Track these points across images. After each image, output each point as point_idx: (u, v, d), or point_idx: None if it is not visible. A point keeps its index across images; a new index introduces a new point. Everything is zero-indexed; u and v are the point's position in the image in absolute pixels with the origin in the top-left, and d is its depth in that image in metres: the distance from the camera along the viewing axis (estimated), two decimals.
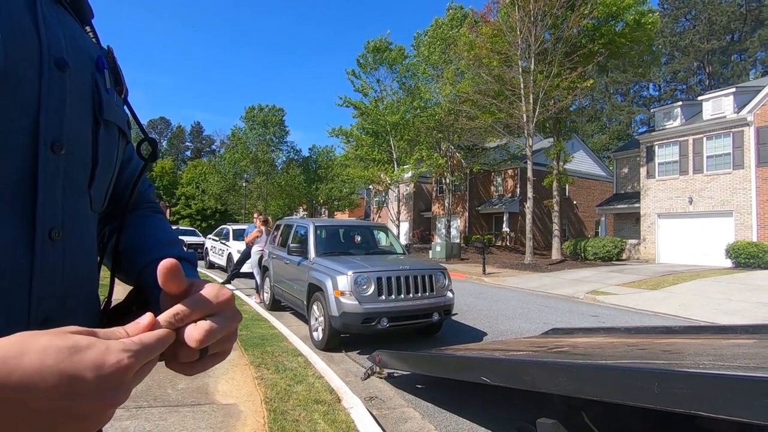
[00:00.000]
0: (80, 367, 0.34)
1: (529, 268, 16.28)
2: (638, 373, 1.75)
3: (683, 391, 1.55)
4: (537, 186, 19.82)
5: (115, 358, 0.36)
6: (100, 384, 0.35)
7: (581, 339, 3.97)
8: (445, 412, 3.50)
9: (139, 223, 0.71)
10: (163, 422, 2.72)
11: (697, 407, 1.51)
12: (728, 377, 1.41)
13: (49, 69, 0.49)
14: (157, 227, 0.73)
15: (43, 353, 0.33)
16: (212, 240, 14.60)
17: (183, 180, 52.88)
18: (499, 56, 17.64)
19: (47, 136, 0.48)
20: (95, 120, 0.57)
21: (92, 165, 0.57)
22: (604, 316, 7.98)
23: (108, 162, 0.61)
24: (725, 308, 8.55)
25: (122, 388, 0.37)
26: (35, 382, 0.32)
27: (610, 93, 50.27)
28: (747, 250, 14.96)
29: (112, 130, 0.61)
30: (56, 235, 0.49)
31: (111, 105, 0.60)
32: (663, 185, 19.15)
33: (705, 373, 1.50)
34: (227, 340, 0.50)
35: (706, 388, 1.46)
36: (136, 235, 0.69)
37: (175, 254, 0.66)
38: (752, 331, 3.21)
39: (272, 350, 4.57)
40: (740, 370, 1.83)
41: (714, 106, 17.81)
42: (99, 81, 0.58)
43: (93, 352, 0.36)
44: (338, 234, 6.84)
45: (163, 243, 0.69)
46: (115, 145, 0.62)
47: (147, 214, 0.75)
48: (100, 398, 0.35)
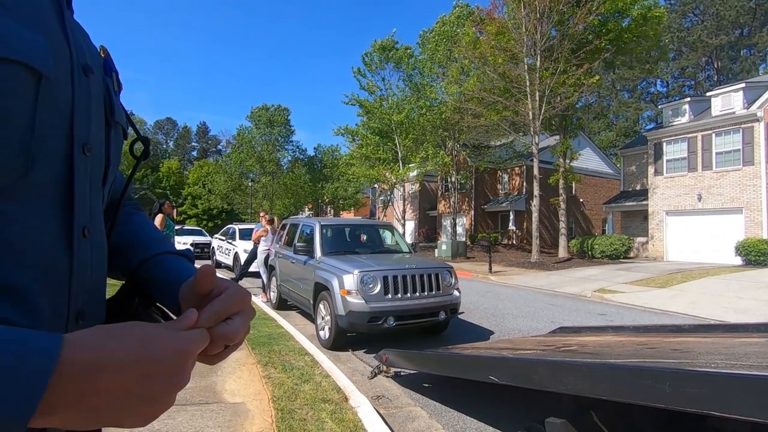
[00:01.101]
0: (154, 352, 0.40)
1: (536, 267, 16.20)
2: (649, 373, 1.73)
3: (695, 391, 1.53)
4: (543, 184, 19.70)
5: (183, 345, 0.42)
6: (171, 367, 0.40)
7: (589, 338, 3.94)
8: (452, 411, 3.49)
9: (129, 220, 0.74)
10: (171, 421, 2.74)
11: (709, 407, 1.49)
12: (742, 377, 1.39)
13: (78, 75, 0.52)
14: (145, 224, 0.76)
15: (122, 340, 0.39)
16: (219, 239, 14.68)
17: (189, 180, 53.23)
18: (505, 53, 17.54)
19: (80, 139, 0.51)
20: (107, 122, 0.60)
21: (105, 165, 0.60)
22: (612, 315, 7.92)
23: (116, 161, 0.64)
24: (735, 306, 8.46)
25: (187, 372, 0.43)
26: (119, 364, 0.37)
27: (617, 90, 49.83)
28: (757, 247, 14.77)
29: (119, 131, 0.64)
30: (87, 232, 0.53)
31: (119, 107, 0.63)
32: (671, 182, 18.96)
33: (718, 373, 1.48)
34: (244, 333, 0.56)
35: (719, 387, 1.44)
36: (127, 231, 0.71)
37: (172, 250, 0.70)
38: (764, 329, 3.16)
39: (279, 349, 4.58)
40: (753, 369, 1.80)
41: (723, 101, 17.59)
42: (109, 84, 0.61)
43: (164, 340, 0.41)
44: (344, 233, 6.84)
45: (157, 239, 0.72)
46: (121, 146, 0.66)
47: (131, 211, 0.77)
48: (171, 380, 0.41)
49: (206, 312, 0.49)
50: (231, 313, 0.51)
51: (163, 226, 7.93)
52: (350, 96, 25.46)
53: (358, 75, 25.03)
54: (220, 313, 0.50)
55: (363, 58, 24.89)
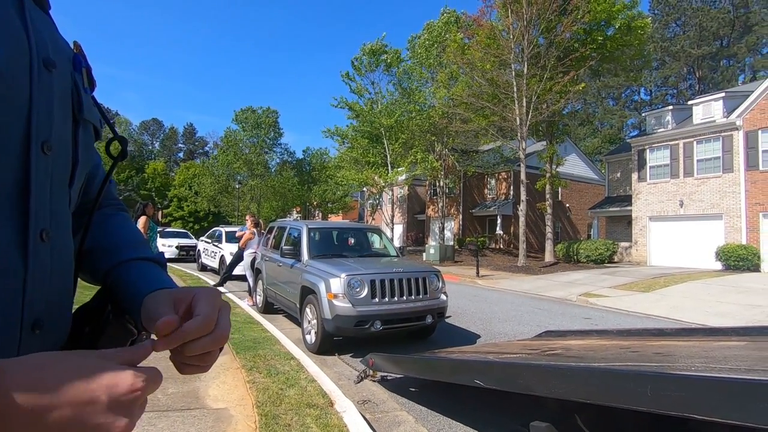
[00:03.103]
0: (95, 386, 0.37)
1: (523, 271, 16.34)
2: (631, 376, 1.75)
3: (676, 394, 1.54)
4: (530, 189, 19.92)
5: (131, 380, 0.38)
6: (112, 405, 0.37)
7: (574, 341, 3.98)
8: (438, 416, 3.48)
9: (105, 222, 0.70)
10: (152, 427, 2.68)
11: (690, 410, 1.50)
12: (721, 380, 1.41)
13: (38, 69, 0.49)
14: (123, 227, 0.72)
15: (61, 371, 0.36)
16: (204, 242, 14.49)
17: (176, 182, 52.56)
18: (493, 59, 17.74)
19: (39, 137, 0.48)
20: (75, 120, 0.57)
21: (73, 165, 0.57)
22: (597, 319, 8.01)
23: (86, 161, 0.61)
24: (716, 310, 8.63)
25: (133, 410, 0.39)
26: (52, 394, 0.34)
27: (602, 97, 50.76)
28: (736, 252, 15.14)
29: (89, 129, 0.61)
30: (46, 236, 0.50)
31: (89, 104, 0.61)
32: (654, 188, 19.34)
33: (697, 376, 1.50)
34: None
35: (699, 390, 1.45)
36: (102, 234, 0.68)
37: (145, 255, 0.66)
38: (743, 333, 3.23)
39: (264, 354, 4.53)
40: (732, 372, 1.83)
41: (704, 110, 18.05)
42: (77, 80, 0.58)
43: (109, 372, 0.38)
44: (331, 236, 6.80)
45: (131, 244, 0.68)
46: (91, 144, 0.63)
47: (112, 212, 0.74)
48: (112, 419, 0.37)
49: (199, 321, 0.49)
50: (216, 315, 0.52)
51: (147, 229, 7.80)
52: (339, 99, 25.46)
53: (347, 79, 25.04)
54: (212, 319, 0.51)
55: (352, 62, 24.92)
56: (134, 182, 51.06)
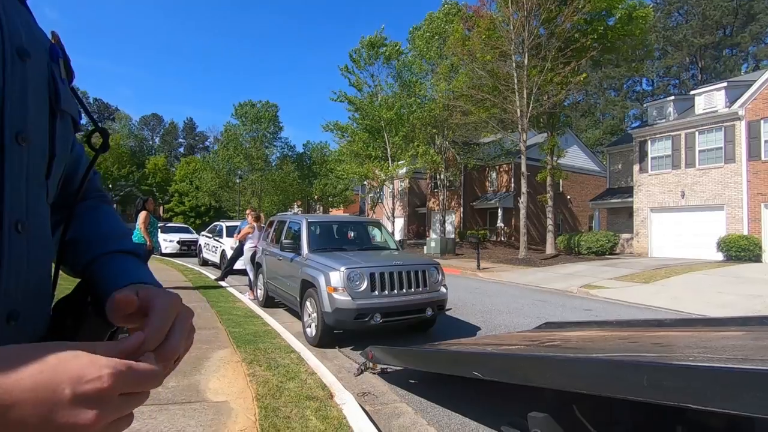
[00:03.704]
0: (58, 379, 0.35)
1: (523, 263, 16.35)
2: (628, 366, 1.75)
3: (672, 384, 1.54)
4: (531, 181, 19.86)
5: (96, 373, 0.36)
6: (77, 398, 0.35)
7: (573, 333, 3.98)
8: (438, 407, 3.50)
9: (87, 215, 0.69)
10: (152, 421, 2.69)
11: (685, 399, 1.50)
12: (716, 369, 1.40)
13: (11, 59, 0.48)
14: (105, 219, 0.71)
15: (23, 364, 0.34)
16: (205, 237, 14.52)
17: (176, 177, 52.59)
18: (493, 50, 17.61)
19: (12, 128, 0.48)
20: (52, 111, 0.56)
21: (50, 157, 0.56)
22: (597, 310, 8.02)
23: (63, 153, 0.60)
24: (717, 301, 8.64)
25: (103, 404, 0.36)
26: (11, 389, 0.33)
27: (603, 88, 50.45)
28: (738, 243, 15.11)
29: (67, 120, 0.60)
30: (21, 227, 0.49)
31: (66, 95, 0.60)
32: (656, 179, 19.27)
33: (692, 366, 1.49)
34: (191, 333, 0.54)
35: (694, 380, 1.45)
36: (82, 226, 0.67)
37: (122, 248, 0.66)
38: (742, 323, 3.23)
39: (265, 347, 4.55)
40: (729, 362, 1.83)
41: (706, 100, 17.91)
42: (54, 70, 0.57)
43: (74, 364, 0.36)
44: (331, 230, 6.80)
45: (111, 236, 0.67)
46: (69, 136, 0.62)
47: (95, 204, 0.73)
48: (78, 413, 0.35)
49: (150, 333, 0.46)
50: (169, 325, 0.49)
51: (147, 224, 7.82)
52: (338, 93, 25.35)
53: (346, 72, 24.90)
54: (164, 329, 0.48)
55: (351, 54, 24.76)
56: (135, 178, 51.07)
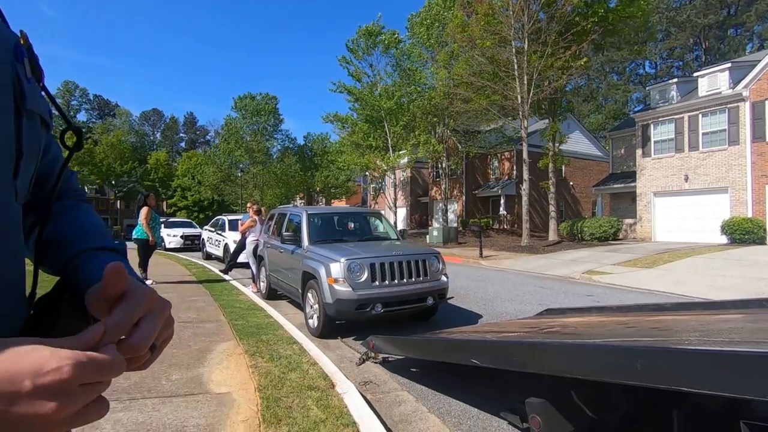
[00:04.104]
0: (18, 370, 0.35)
1: (526, 250, 16.34)
2: (622, 351, 1.75)
3: (665, 368, 1.55)
4: (533, 168, 19.75)
5: (55, 364, 0.36)
6: (37, 389, 0.35)
7: (573, 319, 3.99)
8: (438, 395, 3.53)
9: (64, 214, 0.69)
10: (156, 413, 2.74)
11: (679, 383, 1.51)
12: (708, 352, 1.41)
13: None
14: (83, 217, 0.71)
15: None
16: (208, 231, 14.59)
17: (178, 172, 52.63)
18: (493, 36, 17.39)
19: None
20: (17, 110, 0.55)
21: (17, 157, 0.56)
22: (600, 296, 8.03)
23: (32, 153, 0.59)
24: (720, 284, 8.62)
25: (64, 395, 0.36)
26: None
27: (606, 72, 49.85)
28: (742, 226, 15.03)
29: (35, 120, 0.59)
30: None
31: (33, 94, 0.58)
32: (659, 163, 19.12)
33: (685, 349, 1.50)
34: (167, 327, 0.54)
35: (687, 363, 1.46)
36: (61, 225, 0.67)
37: (101, 245, 0.65)
38: (741, 306, 3.22)
39: (267, 339, 4.59)
40: (725, 345, 1.83)
41: (709, 82, 17.68)
42: (19, 70, 0.56)
43: (34, 357, 0.36)
44: (332, 221, 6.81)
45: (88, 234, 0.67)
46: (38, 136, 0.61)
47: (72, 203, 0.73)
48: (39, 404, 0.35)
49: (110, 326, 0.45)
50: (136, 318, 0.48)
51: (149, 219, 7.85)
52: (337, 84, 25.17)
53: (344, 63, 24.70)
54: (127, 322, 0.47)
55: (347, 45, 24.54)
56: (138, 174, 51.12)
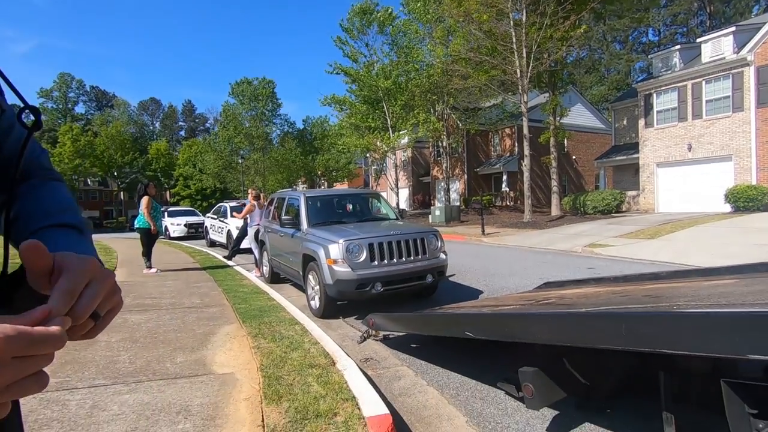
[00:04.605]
0: None
1: (529, 226, 16.34)
2: (606, 317, 1.78)
3: (647, 332, 1.58)
4: (534, 143, 19.58)
5: None
6: None
7: (570, 290, 4.03)
8: (437, 368, 3.60)
9: (30, 192, 0.71)
10: (161, 394, 2.82)
11: (660, 345, 1.54)
12: (685, 314, 1.43)
13: None
14: (48, 194, 0.72)
15: None
16: (211, 218, 14.68)
17: (179, 160, 52.60)
18: (490, 10, 16.99)
19: None
20: None
21: None
22: (601, 268, 8.06)
23: None
24: (722, 252, 8.61)
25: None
26: None
27: (607, 41, 48.69)
28: (746, 193, 14.91)
29: None
30: None
31: None
32: (661, 134, 18.88)
33: (661, 313, 1.52)
34: (112, 295, 0.55)
35: (667, 326, 1.48)
36: (25, 203, 0.69)
37: (62, 222, 0.66)
38: (735, 271, 3.24)
39: (270, 321, 4.67)
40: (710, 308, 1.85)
41: (713, 47, 17.28)
42: None
43: None
44: (330, 204, 6.83)
45: (50, 211, 0.68)
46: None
47: (40, 182, 0.74)
48: None
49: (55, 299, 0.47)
50: (80, 288, 0.50)
51: (150, 208, 7.91)
52: (334, 65, 24.81)
53: (340, 43, 24.29)
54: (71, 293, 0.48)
55: (341, 24, 24.08)
56: (139, 164, 51.16)
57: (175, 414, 2.57)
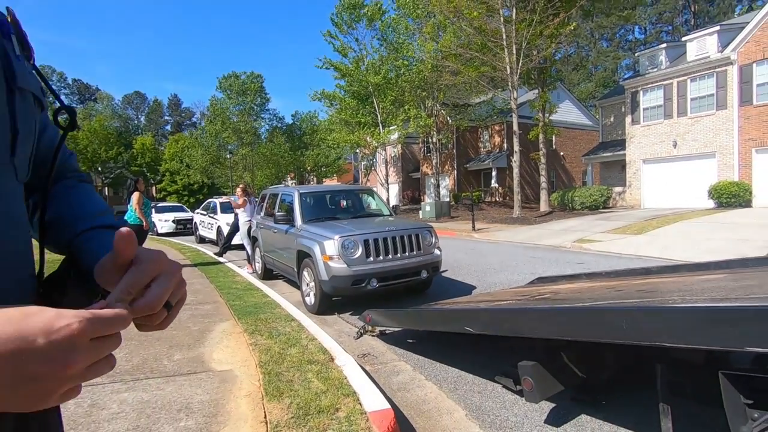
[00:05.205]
0: (29, 329, 0.37)
1: (518, 222, 16.51)
2: (608, 311, 1.83)
3: (648, 326, 1.62)
4: (524, 139, 19.73)
5: (65, 322, 0.39)
6: (49, 346, 0.38)
7: (563, 285, 4.10)
8: (435, 363, 3.64)
9: (66, 194, 0.71)
10: (160, 392, 2.81)
11: (661, 338, 1.58)
12: (686, 309, 1.48)
13: None
14: (85, 197, 0.72)
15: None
16: (200, 214, 14.52)
17: (166, 155, 51.76)
18: (480, 6, 17.03)
19: None
20: (9, 88, 0.56)
21: (12, 135, 0.57)
22: (590, 263, 8.19)
23: (28, 131, 0.60)
24: (706, 247, 8.83)
25: (74, 351, 0.39)
26: None
27: (595, 39, 49.24)
28: (728, 189, 15.28)
29: (27, 98, 0.60)
30: None
31: (24, 72, 0.59)
32: (648, 131, 19.20)
33: (666, 307, 1.57)
34: (179, 288, 0.56)
35: (668, 320, 1.53)
36: (63, 205, 0.68)
37: (104, 224, 0.67)
38: (724, 266, 3.33)
39: (266, 317, 4.66)
40: (706, 302, 1.91)
41: (698, 46, 17.59)
42: (7, 46, 0.57)
43: (43, 317, 0.39)
44: (324, 200, 6.82)
45: (91, 213, 0.69)
46: (32, 114, 0.61)
47: (73, 183, 0.74)
48: (51, 360, 0.38)
49: (116, 293, 0.48)
50: (147, 281, 0.50)
51: (141, 204, 7.80)
52: (323, 60, 24.64)
53: (329, 37, 24.11)
54: (136, 284, 0.49)
55: (332, 19, 23.90)
56: (124, 159, 50.20)
57: (176, 412, 2.56)
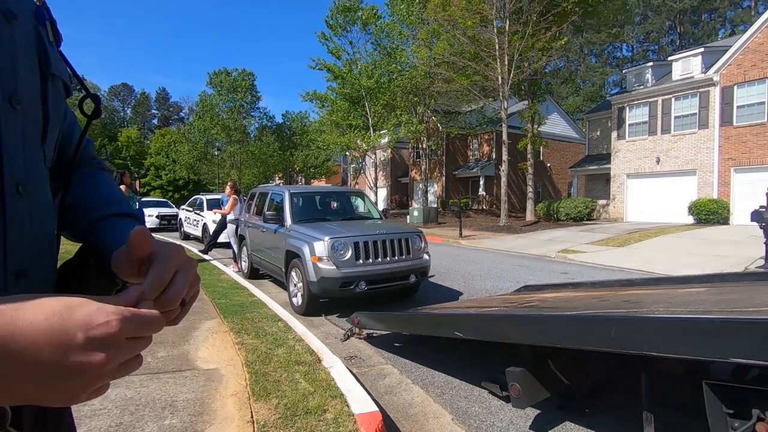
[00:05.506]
0: (69, 323, 0.37)
1: (504, 230, 16.69)
2: (597, 320, 1.87)
3: (635, 335, 1.67)
4: (512, 149, 20.00)
5: (104, 318, 0.39)
6: (87, 342, 0.38)
7: (550, 294, 4.17)
8: (422, 368, 3.66)
9: (84, 181, 0.70)
10: (144, 389, 2.76)
11: (647, 348, 1.63)
12: (674, 320, 1.53)
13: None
14: (102, 184, 0.72)
15: (35, 310, 0.37)
16: (186, 211, 14.31)
17: (151, 150, 50.94)
18: (474, 16, 17.27)
19: (5, 90, 0.48)
20: (42, 74, 0.56)
21: (44, 120, 0.57)
22: (574, 273, 8.34)
23: (57, 117, 0.60)
24: (685, 261, 9.07)
25: (112, 347, 0.39)
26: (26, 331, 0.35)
27: (584, 54, 50.30)
28: (707, 206, 15.72)
29: (57, 84, 0.60)
30: (23, 189, 0.50)
31: (56, 58, 0.59)
32: (632, 146, 19.65)
33: (654, 317, 1.61)
34: (194, 283, 0.56)
35: (656, 330, 1.58)
36: (81, 192, 0.68)
37: (122, 211, 0.67)
38: (705, 280, 3.43)
39: (252, 317, 4.62)
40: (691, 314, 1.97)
41: (683, 66, 18.12)
42: (42, 33, 0.57)
43: (83, 311, 0.38)
44: (314, 201, 6.80)
45: (109, 200, 0.68)
46: (62, 100, 0.62)
47: (91, 171, 0.74)
48: (90, 355, 0.38)
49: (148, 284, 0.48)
50: (171, 276, 0.50)
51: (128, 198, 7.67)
52: (317, 60, 24.61)
53: (323, 39, 24.11)
54: (163, 280, 0.49)
55: (326, 21, 23.91)
56: (108, 151, 49.29)
57: (161, 409, 2.52)
